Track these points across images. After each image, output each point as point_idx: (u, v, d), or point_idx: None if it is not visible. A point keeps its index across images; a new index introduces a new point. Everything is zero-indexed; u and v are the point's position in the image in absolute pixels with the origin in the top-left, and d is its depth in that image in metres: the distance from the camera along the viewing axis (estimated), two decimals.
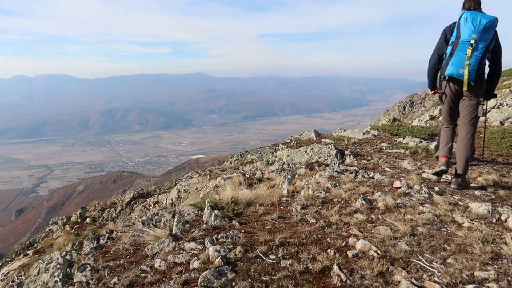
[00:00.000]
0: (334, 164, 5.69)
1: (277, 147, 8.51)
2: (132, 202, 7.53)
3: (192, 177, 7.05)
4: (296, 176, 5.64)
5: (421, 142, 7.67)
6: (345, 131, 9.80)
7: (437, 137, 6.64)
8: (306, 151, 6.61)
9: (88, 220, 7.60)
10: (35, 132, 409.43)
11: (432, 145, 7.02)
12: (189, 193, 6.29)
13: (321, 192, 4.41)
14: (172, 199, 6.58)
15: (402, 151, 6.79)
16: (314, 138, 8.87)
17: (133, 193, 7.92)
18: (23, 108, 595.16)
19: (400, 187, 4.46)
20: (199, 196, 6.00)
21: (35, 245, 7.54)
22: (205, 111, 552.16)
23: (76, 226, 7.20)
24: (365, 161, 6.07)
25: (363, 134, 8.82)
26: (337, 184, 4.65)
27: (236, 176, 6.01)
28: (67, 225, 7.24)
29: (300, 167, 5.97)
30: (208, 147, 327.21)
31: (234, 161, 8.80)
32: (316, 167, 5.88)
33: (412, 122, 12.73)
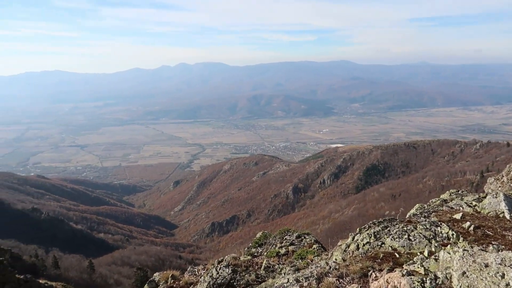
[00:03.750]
0: None
1: (439, 228, 5.39)
2: None
3: None
4: None
5: None
6: None
7: None
8: (503, 275, 3.68)
9: None
10: (191, 114, 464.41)
11: None
12: None
13: None
14: None
15: None
16: (507, 216, 5.52)
17: None
18: (183, 92, 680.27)
19: None
20: None
21: None
22: (346, 100, 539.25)
23: None
24: None
25: None
26: None
27: None
28: None
29: None
30: (348, 136, 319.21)
31: (364, 245, 5.94)
32: None
33: None
